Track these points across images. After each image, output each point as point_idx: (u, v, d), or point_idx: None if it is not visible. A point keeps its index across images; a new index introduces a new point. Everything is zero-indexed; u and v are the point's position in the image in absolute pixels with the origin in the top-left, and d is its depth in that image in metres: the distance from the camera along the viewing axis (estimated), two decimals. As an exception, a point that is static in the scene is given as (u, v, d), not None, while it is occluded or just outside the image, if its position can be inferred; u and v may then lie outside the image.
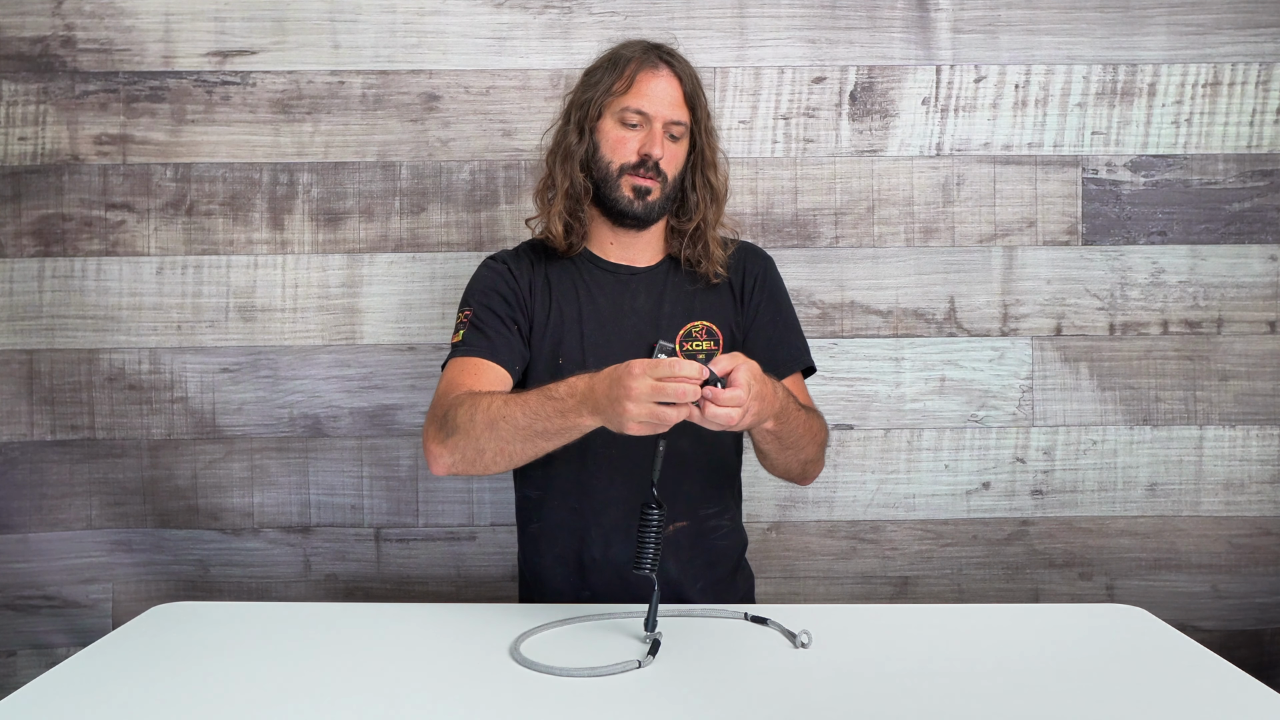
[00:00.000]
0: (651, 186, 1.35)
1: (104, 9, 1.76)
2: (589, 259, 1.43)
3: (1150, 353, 1.81)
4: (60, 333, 1.78)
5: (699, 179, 1.41)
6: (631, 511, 1.34)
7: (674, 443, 1.35)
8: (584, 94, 1.39)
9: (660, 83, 1.34)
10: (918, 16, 1.79)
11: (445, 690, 0.99)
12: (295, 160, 1.79)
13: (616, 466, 1.36)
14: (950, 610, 1.26)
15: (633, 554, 1.10)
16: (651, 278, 1.43)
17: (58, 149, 1.77)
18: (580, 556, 1.36)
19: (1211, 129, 1.80)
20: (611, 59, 1.38)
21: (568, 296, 1.41)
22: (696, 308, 1.41)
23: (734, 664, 1.06)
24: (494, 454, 1.20)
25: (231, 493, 1.80)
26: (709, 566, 1.40)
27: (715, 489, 1.42)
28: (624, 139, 1.35)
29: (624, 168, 1.35)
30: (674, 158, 1.37)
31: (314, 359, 1.80)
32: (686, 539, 1.38)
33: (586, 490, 1.36)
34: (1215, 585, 1.82)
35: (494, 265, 1.43)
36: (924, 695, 0.97)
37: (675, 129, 1.36)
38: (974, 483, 1.82)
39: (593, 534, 1.36)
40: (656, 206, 1.37)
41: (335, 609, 1.28)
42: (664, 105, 1.34)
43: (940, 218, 1.81)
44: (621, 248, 1.43)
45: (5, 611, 1.78)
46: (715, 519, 1.41)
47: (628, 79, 1.34)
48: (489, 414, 1.18)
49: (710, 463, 1.41)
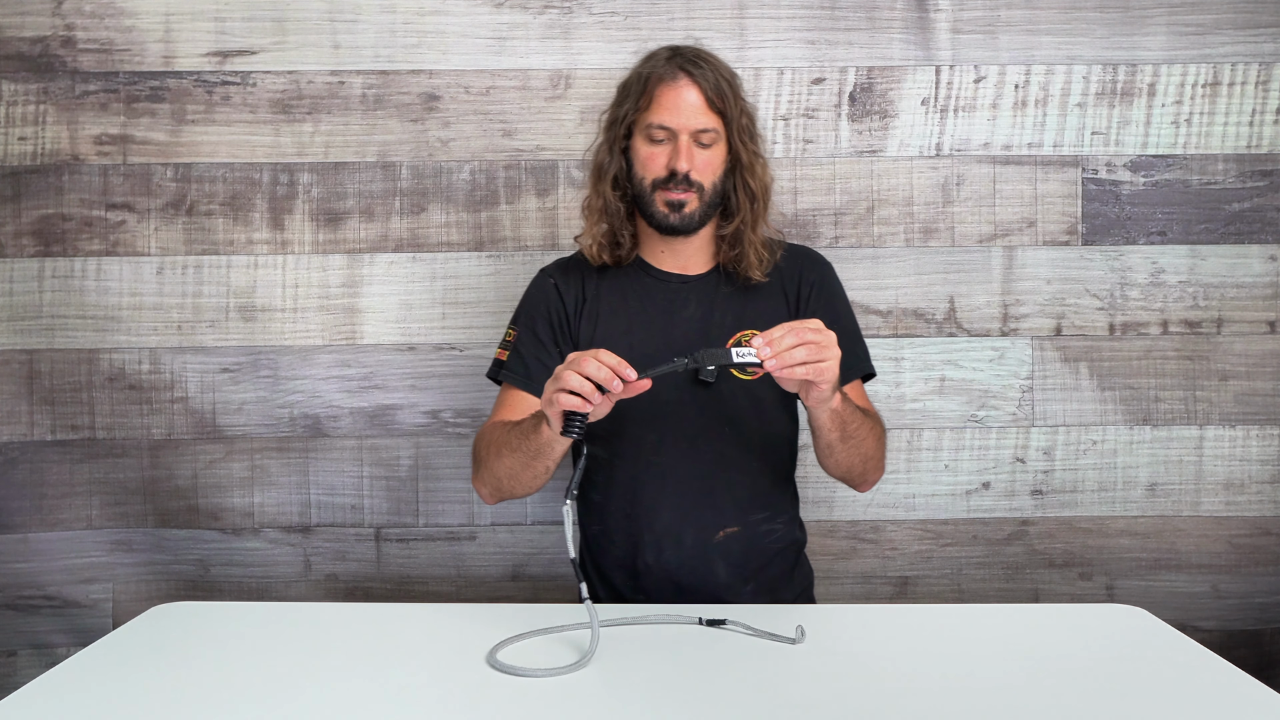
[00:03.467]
0: (685, 199, 1.35)
1: (104, 9, 1.76)
2: (641, 267, 1.45)
3: (1150, 353, 1.81)
4: (60, 333, 1.78)
5: (738, 181, 1.39)
6: (684, 517, 1.36)
7: (722, 450, 1.37)
8: (615, 111, 1.40)
9: (681, 93, 1.33)
10: (917, 17, 1.79)
11: (445, 690, 0.99)
12: (295, 160, 1.79)
13: (667, 473, 1.37)
14: (950, 610, 1.26)
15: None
16: (702, 286, 1.43)
17: (58, 149, 1.77)
18: (634, 561, 1.38)
19: (1211, 129, 1.80)
20: (637, 73, 1.38)
21: (617, 308, 1.42)
22: (747, 316, 1.40)
23: (733, 664, 1.06)
24: (510, 480, 1.30)
25: (232, 493, 1.80)
26: (760, 570, 1.40)
27: (766, 493, 1.42)
28: (653, 155, 1.35)
29: (656, 183, 1.35)
30: (707, 165, 1.35)
31: (314, 359, 1.80)
32: (737, 545, 1.38)
33: (639, 496, 1.38)
34: (1215, 585, 1.82)
35: (542, 282, 1.47)
36: (923, 695, 0.97)
37: (704, 136, 1.34)
38: (974, 483, 1.82)
39: (645, 539, 1.37)
40: (695, 217, 1.37)
41: (335, 609, 1.28)
42: (687, 116, 1.33)
43: (940, 218, 1.81)
44: (673, 255, 1.44)
45: (5, 611, 1.78)
46: (767, 523, 1.41)
47: (649, 95, 1.34)
48: (495, 445, 1.31)
49: (760, 467, 1.41)
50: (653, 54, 1.39)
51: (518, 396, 1.40)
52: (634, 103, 1.36)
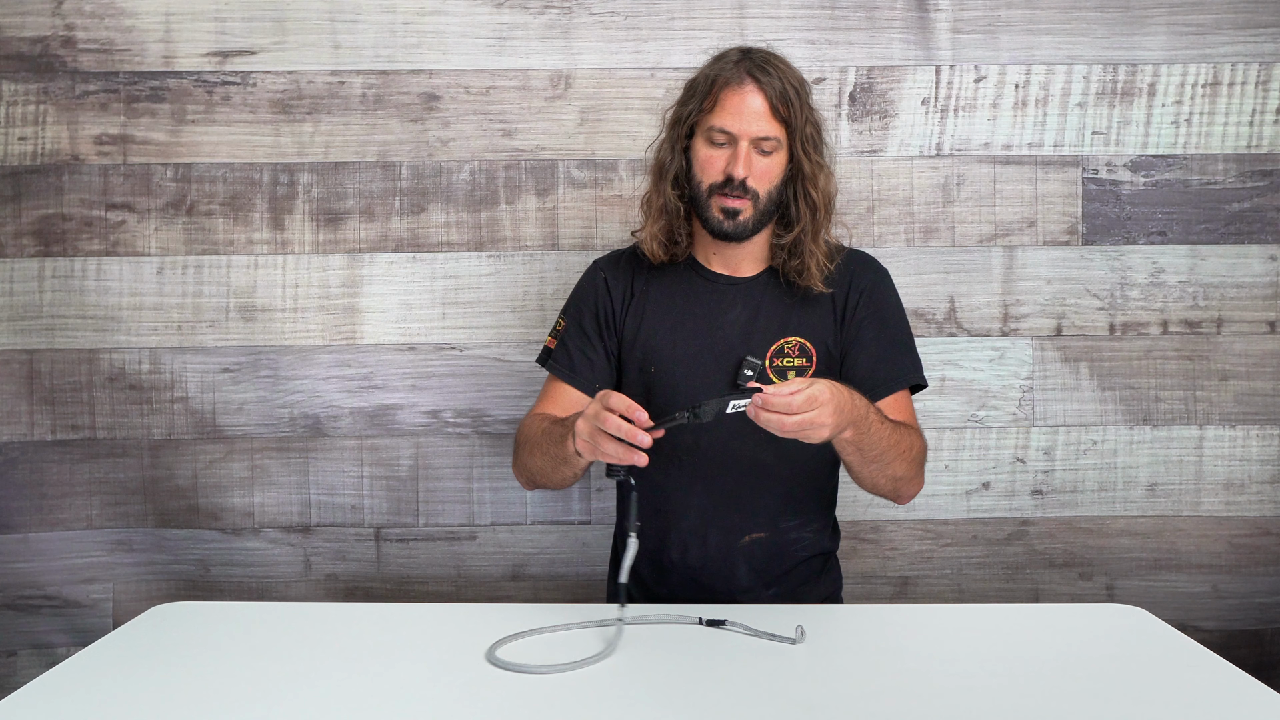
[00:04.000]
0: (740, 207, 1.34)
1: (104, 9, 1.76)
2: (692, 266, 1.45)
3: (1150, 353, 1.81)
4: (60, 333, 1.78)
5: (798, 191, 1.37)
6: (709, 519, 1.37)
7: (755, 455, 1.38)
8: (680, 110, 1.39)
9: (745, 99, 1.31)
10: (917, 17, 1.79)
11: (445, 690, 0.99)
12: (295, 160, 1.79)
13: (697, 473, 1.38)
14: (950, 610, 1.26)
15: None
16: (750, 289, 1.42)
17: (58, 149, 1.77)
18: (660, 558, 1.40)
19: (1211, 129, 1.80)
20: (704, 74, 1.37)
21: (664, 306, 1.43)
22: (792, 323, 1.40)
23: (734, 664, 1.06)
24: (542, 477, 1.35)
25: (232, 493, 1.80)
26: (784, 575, 1.40)
27: (798, 501, 1.42)
28: (712, 158, 1.34)
29: (713, 187, 1.35)
30: (765, 174, 1.34)
31: (314, 359, 1.80)
32: (763, 550, 1.39)
33: (668, 495, 1.39)
34: (1215, 585, 1.82)
35: (594, 276, 1.49)
36: (923, 695, 0.97)
37: (765, 144, 1.32)
38: (974, 483, 1.82)
39: (671, 537, 1.39)
40: (749, 224, 1.36)
41: (335, 609, 1.28)
42: (749, 122, 1.31)
43: (940, 218, 1.81)
44: (723, 258, 1.44)
45: (5, 611, 1.78)
46: (797, 530, 1.41)
47: (714, 97, 1.33)
48: (530, 444, 1.35)
49: (793, 475, 1.40)
50: (723, 54, 1.38)
51: (561, 389, 1.44)
52: (698, 104, 1.35)
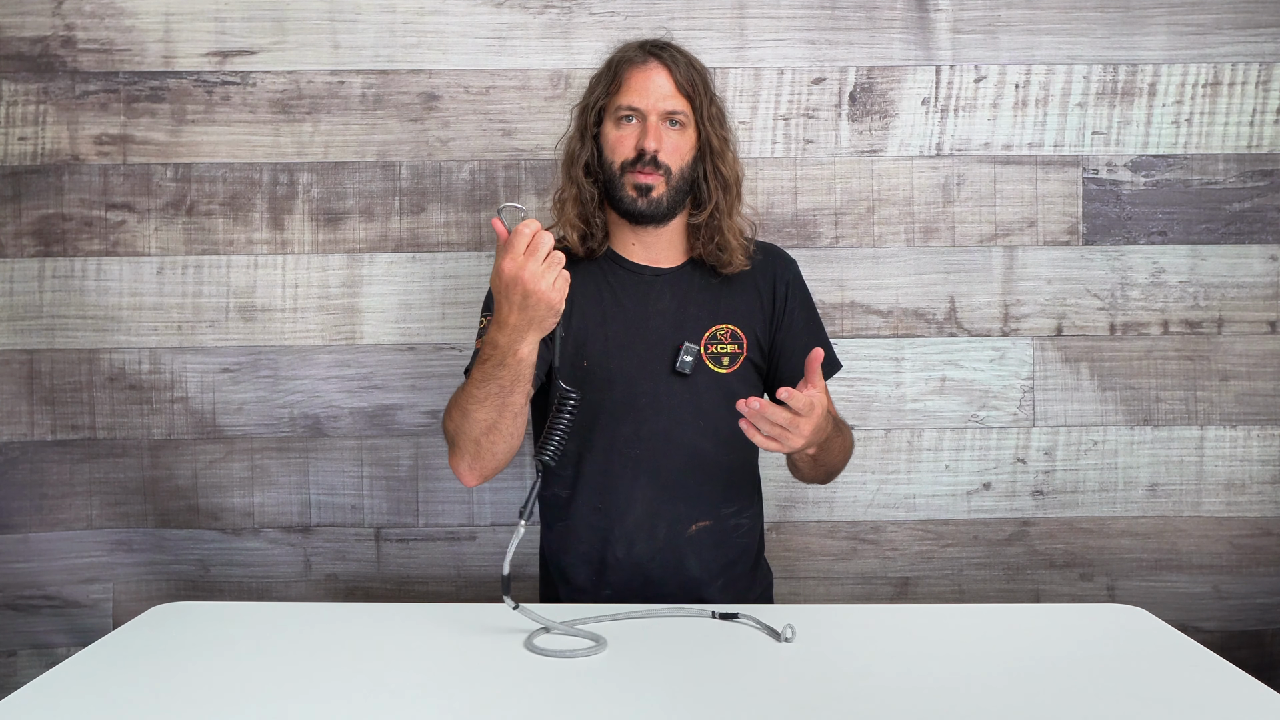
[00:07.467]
0: (653, 182, 1.35)
1: (104, 9, 1.76)
2: (613, 259, 1.44)
3: (1151, 353, 1.81)
4: (60, 333, 1.78)
5: (708, 168, 1.40)
6: (657, 510, 1.36)
7: (695, 443, 1.37)
8: (586, 99, 1.42)
9: (649, 76, 1.35)
10: (917, 17, 1.79)
11: (444, 690, 0.99)
12: (295, 160, 1.79)
13: (641, 467, 1.37)
14: (950, 610, 1.26)
15: (541, 439, 1.13)
16: (676, 279, 1.43)
17: (58, 149, 1.77)
18: (603, 556, 1.38)
19: (1211, 129, 1.80)
20: (607, 62, 1.41)
21: (591, 299, 1.41)
22: (722, 310, 1.41)
23: (730, 663, 1.05)
24: (484, 438, 1.22)
25: (232, 493, 1.80)
26: (728, 565, 1.41)
27: (736, 488, 1.43)
28: (622, 137, 1.36)
29: (625, 165, 1.36)
30: (675, 148, 1.36)
31: (314, 359, 1.80)
32: (708, 538, 1.39)
33: (611, 490, 1.38)
34: (1216, 586, 1.82)
35: None
36: (924, 695, 0.97)
37: (675, 117, 1.36)
38: (974, 483, 1.82)
39: (615, 533, 1.37)
40: (663, 201, 1.37)
41: (335, 609, 1.28)
42: (655, 97, 1.35)
43: (940, 218, 1.81)
44: (644, 248, 1.43)
45: (5, 611, 1.78)
46: (735, 517, 1.42)
47: (618, 79, 1.36)
48: (457, 406, 1.24)
49: (732, 463, 1.41)
50: (623, 46, 1.42)
51: None
52: (604, 88, 1.38)
